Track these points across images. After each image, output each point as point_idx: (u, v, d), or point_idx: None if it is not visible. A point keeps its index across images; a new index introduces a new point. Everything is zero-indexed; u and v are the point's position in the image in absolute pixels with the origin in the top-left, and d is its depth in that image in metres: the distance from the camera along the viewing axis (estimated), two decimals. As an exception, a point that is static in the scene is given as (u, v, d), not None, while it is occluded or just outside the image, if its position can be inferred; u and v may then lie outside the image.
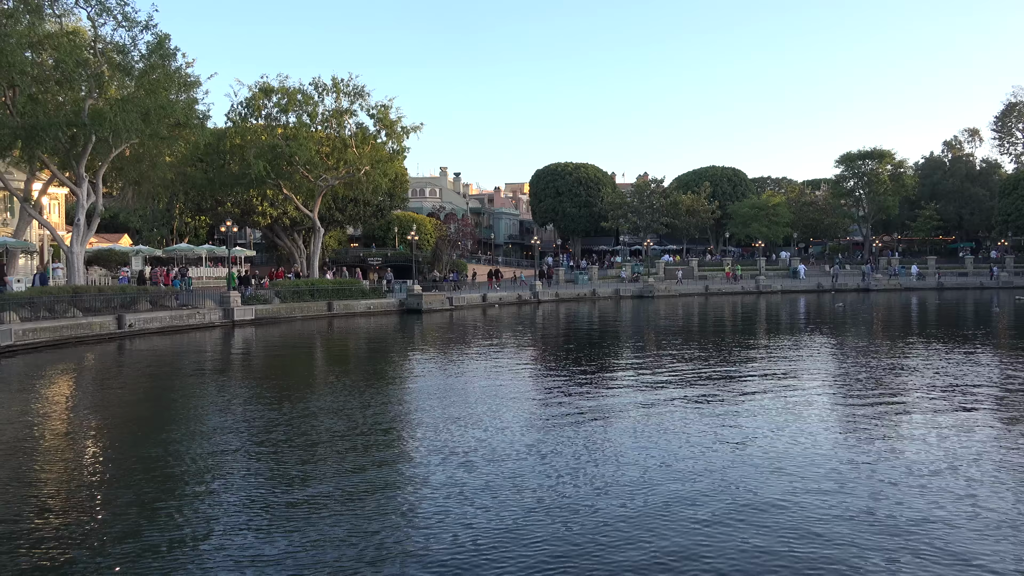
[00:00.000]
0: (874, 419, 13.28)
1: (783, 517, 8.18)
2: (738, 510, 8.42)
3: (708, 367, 20.52)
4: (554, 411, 14.34)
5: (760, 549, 7.28)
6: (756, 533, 7.70)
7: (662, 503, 8.70)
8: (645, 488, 9.28)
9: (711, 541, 7.50)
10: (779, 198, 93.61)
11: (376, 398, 16.17)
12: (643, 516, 8.28)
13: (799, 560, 7.03)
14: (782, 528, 7.84)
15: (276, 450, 11.51)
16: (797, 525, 7.93)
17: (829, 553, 7.18)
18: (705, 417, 13.51)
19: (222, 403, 15.77)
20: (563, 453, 11.01)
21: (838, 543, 7.43)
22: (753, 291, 67.42)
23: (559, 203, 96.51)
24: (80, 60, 30.83)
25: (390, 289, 52.64)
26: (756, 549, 7.28)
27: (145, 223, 62.22)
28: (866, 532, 7.71)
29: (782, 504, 8.60)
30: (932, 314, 42.81)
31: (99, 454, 11.57)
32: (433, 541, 7.59)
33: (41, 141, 29.77)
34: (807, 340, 28.03)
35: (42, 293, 29.09)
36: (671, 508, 8.52)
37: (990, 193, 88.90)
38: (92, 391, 18.18)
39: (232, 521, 8.27)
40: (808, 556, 7.11)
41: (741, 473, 9.89)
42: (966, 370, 19.01)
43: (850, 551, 7.21)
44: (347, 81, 45.44)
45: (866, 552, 7.18)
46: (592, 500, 8.84)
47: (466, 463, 10.50)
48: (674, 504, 8.66)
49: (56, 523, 8.32)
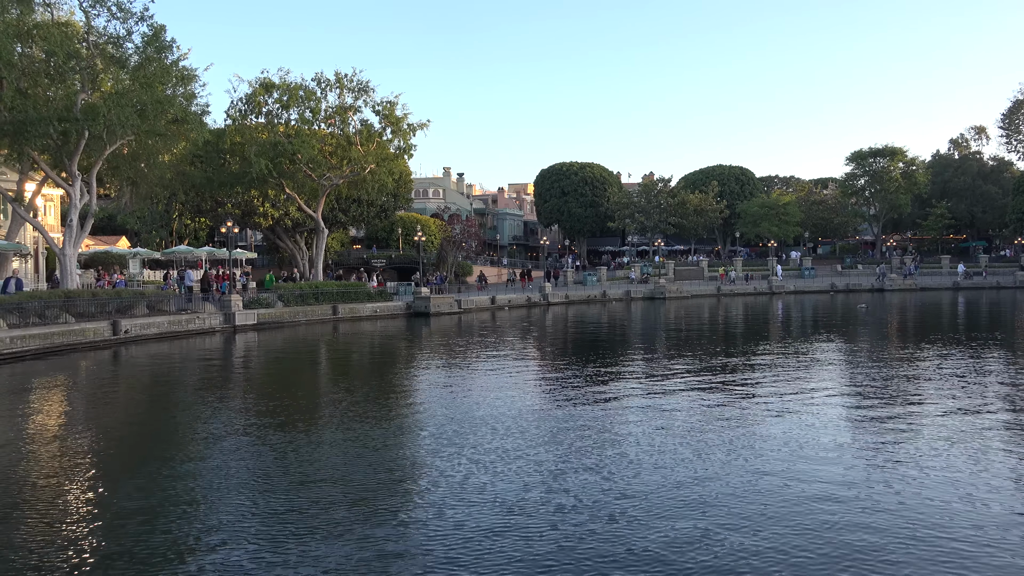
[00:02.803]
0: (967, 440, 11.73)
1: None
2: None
3: (756, 379, 18.96)
4: (594, 449, 12.76)
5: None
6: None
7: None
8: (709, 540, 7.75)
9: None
10: (789, 197, 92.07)
11: (391, 426, 14.57)
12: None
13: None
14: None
15: (279, 498, 9.93)
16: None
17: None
18: (771, 438, 11.96)
19: (217, 428, 13.84)
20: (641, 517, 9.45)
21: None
22: (766, 291, 66.06)
23: (564, 203, 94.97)
24: (72, 52, 29.25)
25: (398, 291, 51.14)
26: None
27: (143, 225, 60.54)
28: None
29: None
30: (976, 315, 41.18)
31: (68, 497, 9.99)
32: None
33: (30, 137, 28.21)
34: (868, 351, 26.45)
35: (31, 297, 27.52)
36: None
37: (1003, 191, 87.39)
38: (73, 409, 16.58)
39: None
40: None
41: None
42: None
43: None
44: (351, 76, 43.86)
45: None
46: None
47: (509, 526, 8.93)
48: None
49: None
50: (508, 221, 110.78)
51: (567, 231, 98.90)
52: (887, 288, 66.94)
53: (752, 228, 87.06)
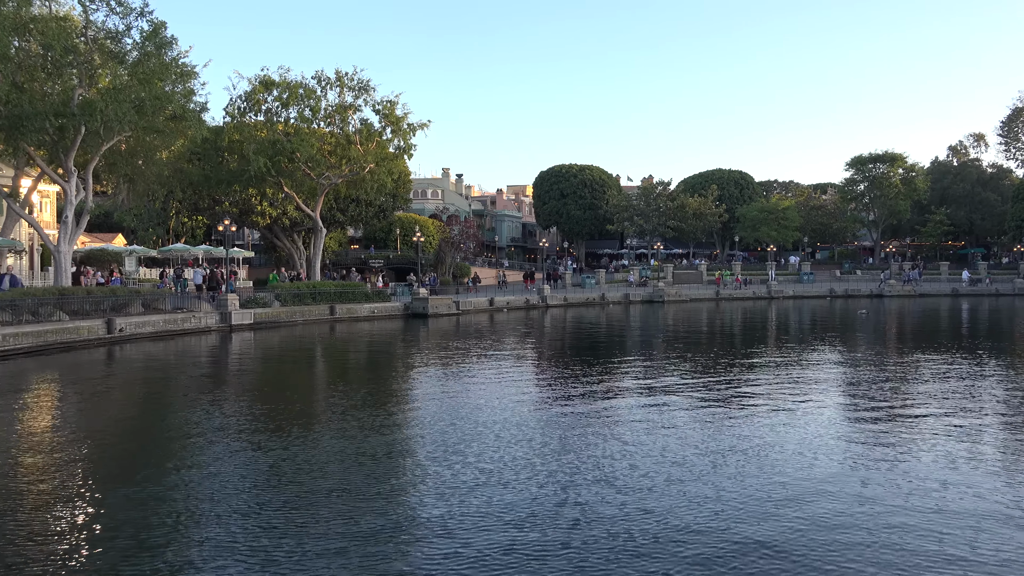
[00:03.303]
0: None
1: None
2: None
3: (763, 387, 18.65)
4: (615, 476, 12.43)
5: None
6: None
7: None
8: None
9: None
10: (788, 201, 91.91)
11: (391, 434, 14.20)
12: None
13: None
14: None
15: (273, 512, 9.58)
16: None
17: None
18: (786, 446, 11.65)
19: (210, 435, 13.40)
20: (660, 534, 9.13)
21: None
22: (764, 296, 65.89)
23: (563, 205, 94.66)
24: (69, 47, 28.84)
25: (396, 292, 50.75)
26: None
27: (140, 222, 60.00)
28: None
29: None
30: (978, 322, 40.98)
31: (50, 508, 9.63)
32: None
33: (26, 132, 27.79)
34: (874, 357, 26.17)
35: (25, 295, 27.11)
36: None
37: (1002, 198, 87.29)
38: (61, 412, 16.21)
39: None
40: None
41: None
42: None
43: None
44: (351, 75, 43.47)
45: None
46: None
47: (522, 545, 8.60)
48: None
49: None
50: (506, 223, 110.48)
51: (565, 233, 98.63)
52: (886, 294, 66.83)
53: (751, 232, 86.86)
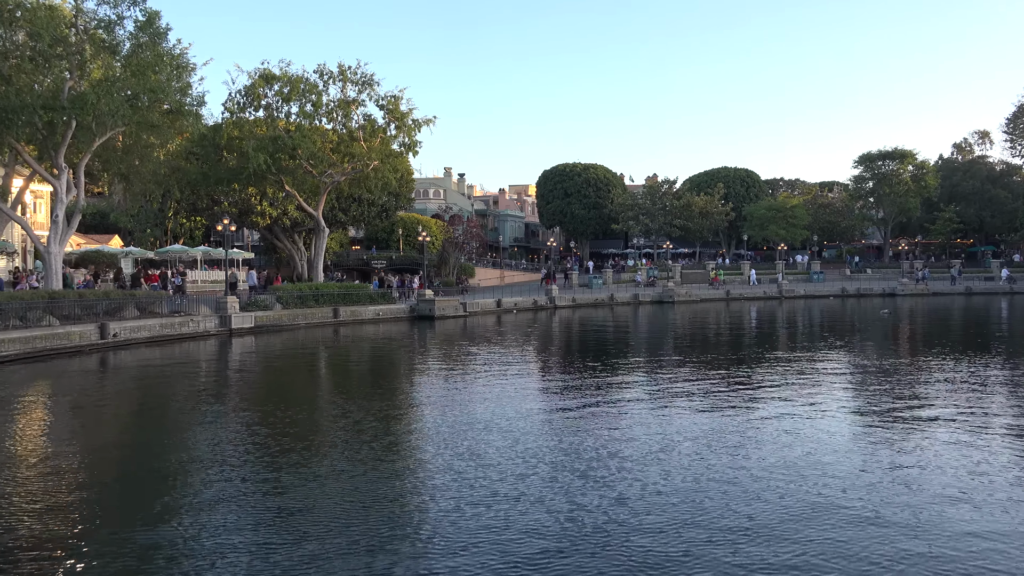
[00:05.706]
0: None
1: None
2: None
3: (785, 392, 17.24)
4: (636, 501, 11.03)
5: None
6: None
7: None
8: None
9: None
10: (796, 199, 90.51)
11: (401, 451, 12.78)
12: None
13: None
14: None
15: (274, 540, 8.18)
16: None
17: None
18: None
19: (206, 454, 11.99)
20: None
21: None
22: (775, 295, 64.62)
23: (567, 204, 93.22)
24: (58, 36, 27.40)
25: (401, 294, 49.31)
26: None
27: (137, 223, 58.48)
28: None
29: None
30: (998, 321, 39.58)
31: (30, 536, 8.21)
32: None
33: (11, 126, 26.33)
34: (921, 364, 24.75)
35: (12, 298, 25.65)
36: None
37: (1012, 195, 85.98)
38: (46, 423, 14.79)
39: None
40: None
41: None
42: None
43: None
44: (355, 69, 42.01)
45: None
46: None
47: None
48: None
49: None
50: (509, 222, 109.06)
51: (569, 233, 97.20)
52: (898, 293, 65.58)
53: (759, 231, 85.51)
